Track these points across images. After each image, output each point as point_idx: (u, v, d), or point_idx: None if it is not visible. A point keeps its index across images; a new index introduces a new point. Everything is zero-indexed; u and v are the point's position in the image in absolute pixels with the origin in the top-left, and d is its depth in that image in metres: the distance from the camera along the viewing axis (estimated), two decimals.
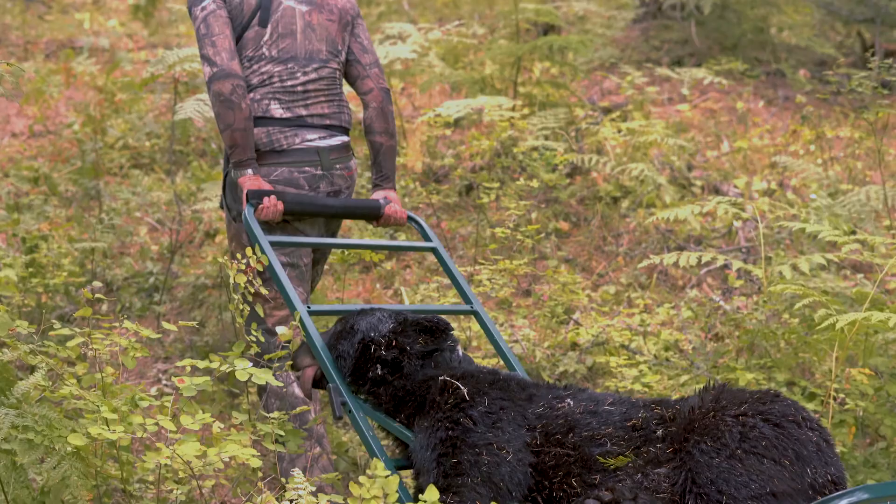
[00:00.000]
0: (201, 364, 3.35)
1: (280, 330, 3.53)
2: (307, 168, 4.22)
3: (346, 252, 5.42)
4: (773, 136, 8.66)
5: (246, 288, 3.56)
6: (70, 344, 3.31)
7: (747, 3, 10.72)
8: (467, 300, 4.05)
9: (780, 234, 6.49)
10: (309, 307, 3.70)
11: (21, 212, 6.55)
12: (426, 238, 4.26)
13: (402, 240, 6.49)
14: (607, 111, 8.78)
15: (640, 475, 2.98)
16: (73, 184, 7.66)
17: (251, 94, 4.19)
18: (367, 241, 5.23)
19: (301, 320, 3.56)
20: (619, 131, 7.58)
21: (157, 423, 3.15)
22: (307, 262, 4.33)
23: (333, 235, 4.45)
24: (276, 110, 4.21)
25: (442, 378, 3.31)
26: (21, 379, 3.33)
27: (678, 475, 2.92)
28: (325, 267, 5.25)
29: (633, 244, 6.94)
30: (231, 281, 3.53)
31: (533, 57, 8.77)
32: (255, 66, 4.21)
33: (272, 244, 3.85)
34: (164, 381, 5.34)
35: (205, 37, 4.11)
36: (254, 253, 3.61)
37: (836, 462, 2.95)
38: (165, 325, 3.63)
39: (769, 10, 10.93)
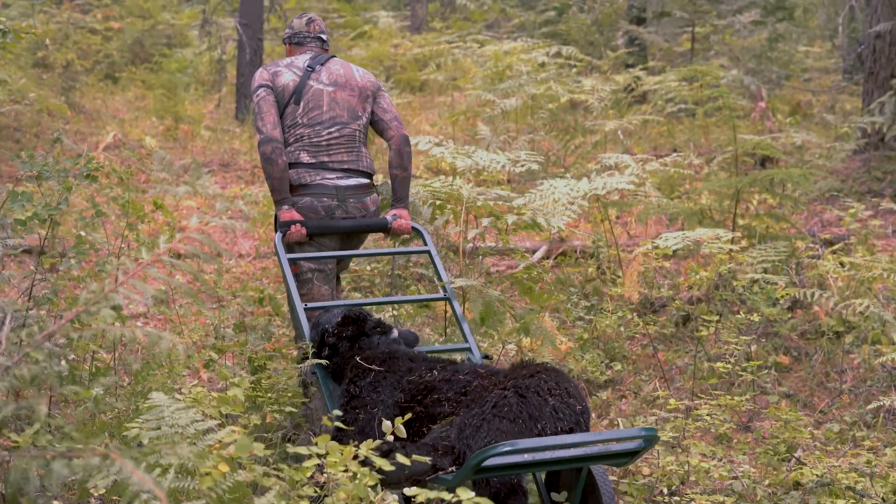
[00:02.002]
0: None
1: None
2: (325, 199, 5.70)
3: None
4: None
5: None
6: (306, 464, 3.42)
7: None
8: (445, 291, 5.59)
9: None
10: (306, 305, 5.38)
11: (247, 332, 6.82)
12: (424, 244, 5.78)
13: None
14: (828, 244, 8.63)
15: (447, 429, 4.29)
16: None
17: (289, 148, 5.75)
18: (369, 250, 6.35)
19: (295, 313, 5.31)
20: (842, 265, 7.43)
21: None
22: (331, 267, 5.82)
23: (356, 247, 5.93)
24: (305, 158, 5.73)
25: (355, 359, 4.83)
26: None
27: (454, 431, 4.22)
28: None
29: (858, 381, 6.76)
30: None
31: (752, 189, 8.72)
32: (291, 130, 5.77)
33: (290, 260, 5.52)
34: None
35: (258, 113, 5.73)
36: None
37: (570, 418, 4.20)
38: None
39: None
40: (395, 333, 5.07)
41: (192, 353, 5.68)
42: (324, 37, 6.10)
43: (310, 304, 5.42)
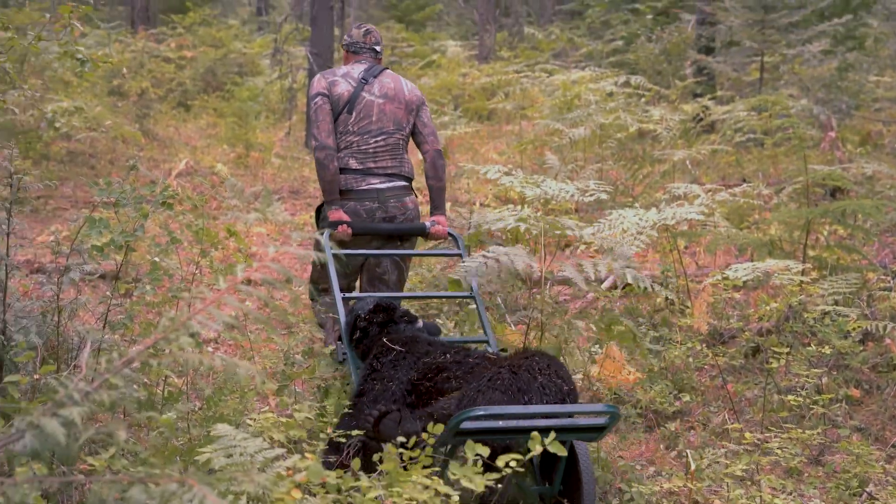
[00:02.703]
0: None
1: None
2: (367, 202, 6.31)
3: None
4: None
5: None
6: (369, 495, 3.45)
7: None
8: (469, 289, 6.19)
9: None
10: (344, 295, 5.92)
11: (316, 358, 6.88)
12: (457, 247, 6.39)
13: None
14: None
15: (450, 401, 4.81)
16: None
17: (340, 154, 6.31)
18: (403, 251, 6.53)
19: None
20: None
21: None
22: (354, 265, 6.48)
23: (401, 248, 6.47)
24: (353, 164, 6.31)
25: (381, 339, 5.46)
26: None
27: (454, 402, 4.75)
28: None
29: None
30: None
31: (823, 220, 8.65)
32: (343, 137, 6.34)
33: (333, 255, 5.97)
34: None
35: (314, 121, 6.31)
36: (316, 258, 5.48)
37: (556, 395, 4.73)
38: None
39: None
40: (420, 323, 5.73)
41: (265, 380, 5.75)
42: (377, 48, 6.70)
43: (347, 294, 5.99)
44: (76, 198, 12.25)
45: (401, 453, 4.19)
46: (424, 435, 4.26)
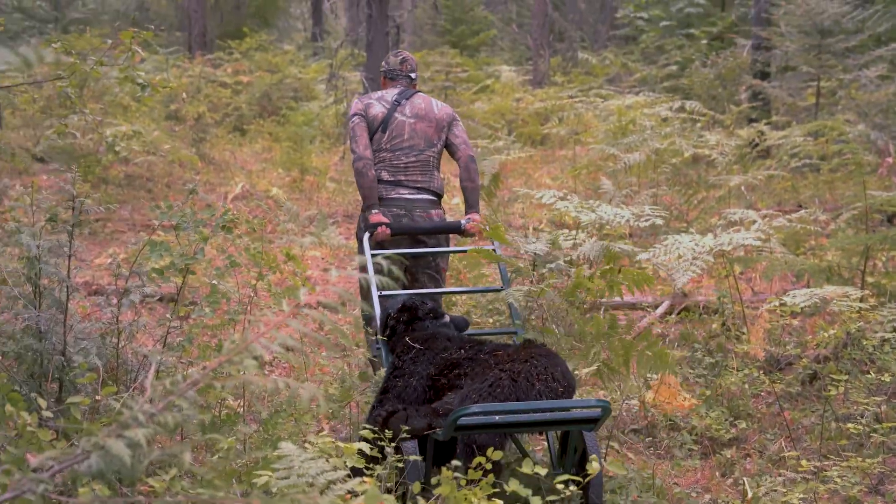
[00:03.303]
0: None
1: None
2: (394, 209, 6.76)
3: None
4: None
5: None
6: None
7: None
8: (505, 282, 6.55)
9: None
10: (380, 292, 6.29)
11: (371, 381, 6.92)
12: (491, 243, 6.64)
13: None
14: None
15: (454, 397, 5.13)
16: None
17: (374, 168, 6.75)
18: (438, 249, 6.84)
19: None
20: None
21: None
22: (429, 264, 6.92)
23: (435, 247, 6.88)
24: (385, 176, 6.81)
25: (405, 339, 5.75)
26: None
27: (457, 399, 5.08)
28: None
29: None
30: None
31: (882, 246, 8.57)
32: (377, 154, 6.84)
33: (373, 255, 6.37)
34: None
35: (352, 137, 6.83)
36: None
37: (550, 398, 5.08)
38: None
39: None
40: (447, 318, 6.04)
41: (327, 405, 5.79)
42: (413, 75, 7.16)
43: (383, 292, 6.34)
44: (133, 221, 12.39)
45: (457, 476, 4.20)
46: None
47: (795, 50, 17.12)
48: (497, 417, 4.85)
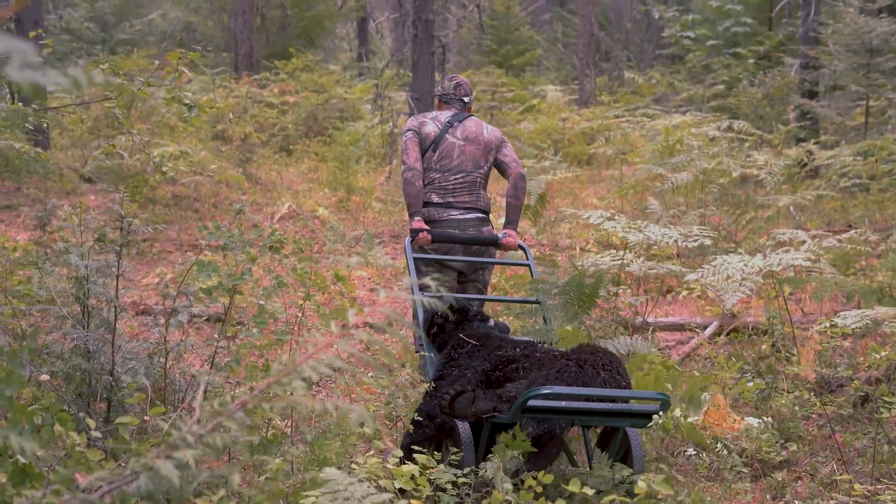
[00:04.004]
0: None
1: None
2: (449, 230, 7.04)
3: None
4: None
5: None
6: None
7: None
8: (537, 295, 6.90)
9: None
10: (423, 294, 6.04)
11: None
12: (527, 258, 7.17)
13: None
14: None
15: (518, 385, 5.37)
16: None
17: (424, 188, 7.07)
18: (477, 258, 7.12)
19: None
20: None
21: None
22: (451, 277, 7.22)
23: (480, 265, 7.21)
24: (435, 198, 7.12)
25: (459, 335, 6.03)
26: None
27: (524, 386, 5.32)
28: None
29: None
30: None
31: None
32: (427, 174, 7.14)
33: (415, 259, 6.91)
34: None
35: (404, 150, 7.12)
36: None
37: (614, 388, 5.29)
38: None
39: None
40: (491, 322, 6.39)
41: (376, 427, 5.79)
42: (466, 99, 7.47)
43: (425, 295, 6.33)
44: (181, 241, 12.45)
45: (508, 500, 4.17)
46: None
47: (844, 69, 17.00)
48: (564, 403, 5.09)
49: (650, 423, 5.38)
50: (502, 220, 11.57)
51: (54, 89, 2.53)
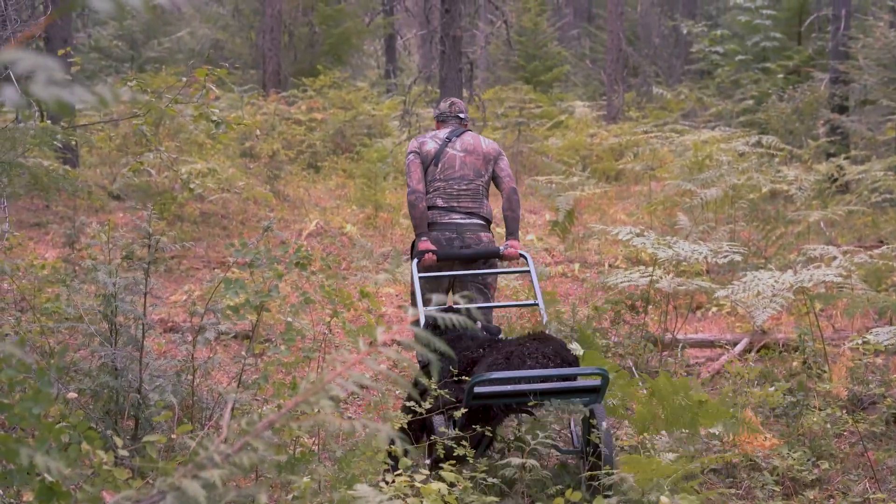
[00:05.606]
0: None
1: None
2: (447, 233, 7.33)
3: None
4: None
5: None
6: None
7: None
8: (537, 300, 7.12)
9: None
10: (427, 309, 7.20)
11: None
12: (528, 265, 7.30)
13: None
14: None
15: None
16: None
17: (429, 195, 7.41)
18: (479, 270, 7.35)
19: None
20: None
21: None
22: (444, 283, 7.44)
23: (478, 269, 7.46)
24: (440, 202, 7.40)
25: (454, 334, 6.36)
26: None
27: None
28: None
29: None
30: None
31: None
32: (432, 184, 7.43)
33: (420, 278, 7.12)
34: None
35: (408, 172, 7.48)
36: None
37: (548, 366, 5.87)
38: None
39: None
40: (479, 325, 6.74)
41: (404, 446, 5.75)
42: (461, 115, 7.84)
43: (429, 308, 7.18)
44: (208, 258, 12.47)
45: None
46: None
47: (874, 83, 16.91)
48: (509, 387, 5.68)
49: (597, 399, 5.88)
50: (500, 229, 11.63)
51: (82, 107, 2.53)
